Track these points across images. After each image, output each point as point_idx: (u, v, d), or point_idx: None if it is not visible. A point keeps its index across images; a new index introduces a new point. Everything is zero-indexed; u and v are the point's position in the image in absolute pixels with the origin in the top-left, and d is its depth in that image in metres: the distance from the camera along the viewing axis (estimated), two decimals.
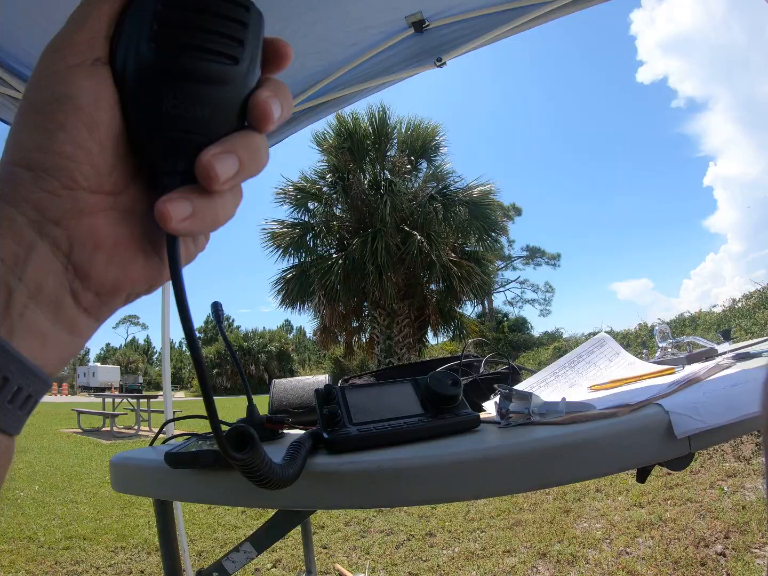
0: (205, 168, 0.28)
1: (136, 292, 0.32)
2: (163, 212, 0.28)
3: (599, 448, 0.56)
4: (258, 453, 0.40)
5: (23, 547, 3.51)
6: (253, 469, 0.43)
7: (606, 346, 1.02)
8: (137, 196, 0.30)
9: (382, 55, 2.32)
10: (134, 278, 0.31)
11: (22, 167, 0.26)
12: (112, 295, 0.30)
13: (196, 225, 0.29)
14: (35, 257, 0.26)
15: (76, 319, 0.29)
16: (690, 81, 69.30)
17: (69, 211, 0.27)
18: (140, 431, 10.70)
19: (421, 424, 0.66)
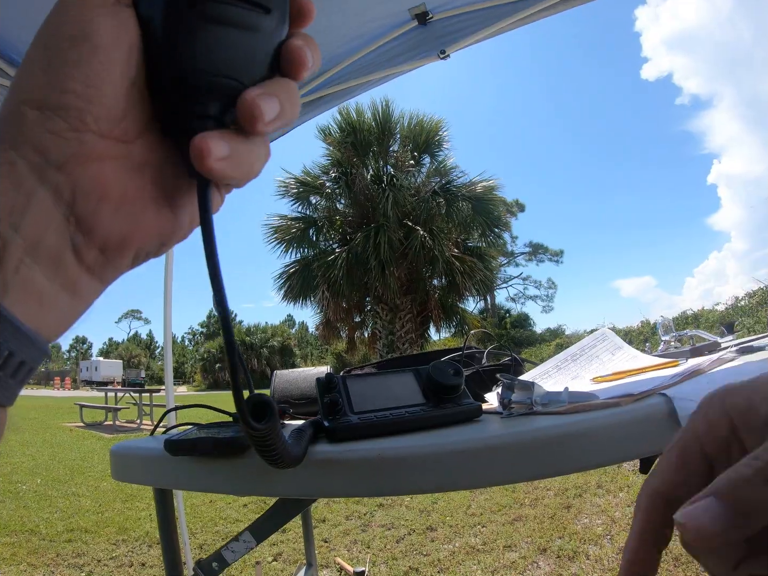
0: (250, 106, 0.26)
1: (146, 251, 0.29)
2: (201, 148, 0.26)
3: (602, 438, 0.55)
4: (276, 424, 0.39)
5: (25, 539, 3.53)
6: (268, 443, 0.42)
7: (608, 341, 1.02)
8: (150, 147, 0.28)
9: (385, 47, 2.31)
10: (144, 233, 0.28)
11: (28, 105, 0.25)
12: (118, 252, 0.28)
13: (232, 168, 0.27)
14: (34, 206, 0.24)
15: (77, 279, 0.26)
16: (695, 78, 69.14)
17: (74, 155, 0.25)
18: (142, 425, 10.74)
19: (422, 413, 0.66)
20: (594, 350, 1.00)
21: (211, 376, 44.75)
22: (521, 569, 2.63)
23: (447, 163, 14.60)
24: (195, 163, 0.26)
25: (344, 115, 14.07)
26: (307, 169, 14.64)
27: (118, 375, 41.24)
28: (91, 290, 0.28)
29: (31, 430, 10.16)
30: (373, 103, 14.09)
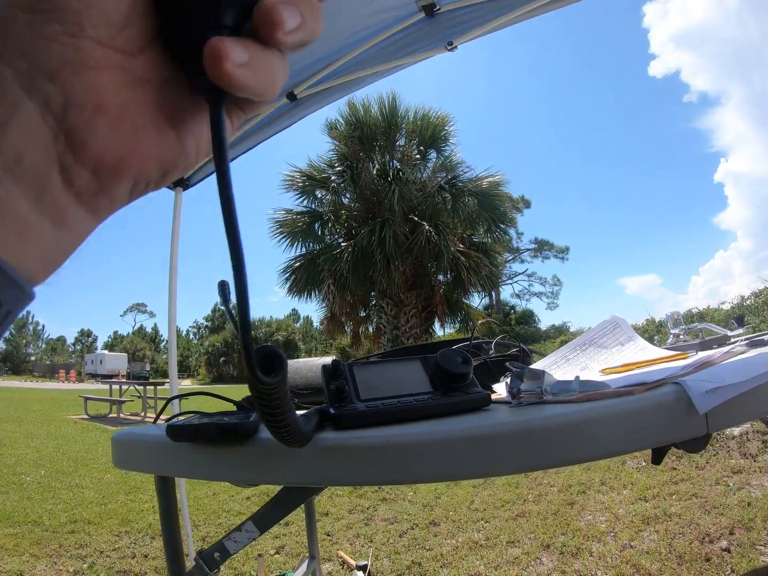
0: (269, 12, 0.24)
1: (145, 178, 0.26)
2: (218, 50, 0.23)
3: (615, 426, 0.54)
4: (285, 380, 0.36)
5: (28, 530, 3.54)
6: (276, 406, 0.38)
7: (618, 330, 1.00)
8: (153, 64, 0.25)
9: (392, 39, 2.30)
10: (143, 156, 0.25)
11: (18, 7, 0.22)
12: (113, 176, 0.24)
13: (250, 77, 0.24)
14: (19, 120, 0.21)
15: (65, 207, 0.23)
16: (702, 75, 68.56)
17: (69, 62, 0.22)
18: (146, 418, 10.78)
19: (430, 401, 0.65)
20: (603, 340, 0.98)
21: (215, 370, 44.86)
22: (524, 565, 2.63)
23: (453, 158, 14.53)
24: (210, 71, 0.23)
25: (351, 109, 14.04)
26: (313, 163, 14.61)
27: (122, 368, 41.41)
28: (82, 223, 0.25)
29: (36, 422, 10.22)
30: (380, 97, 14.03)
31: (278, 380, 0.34)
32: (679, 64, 68.43)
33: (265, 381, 0.33)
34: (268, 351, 0.34)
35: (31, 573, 2.81)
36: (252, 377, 0.32)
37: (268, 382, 0.33)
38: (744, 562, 2.37)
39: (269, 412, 0.40)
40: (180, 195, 2.81)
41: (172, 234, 2.78)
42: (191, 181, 2.86)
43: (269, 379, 0.33)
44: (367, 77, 2.41)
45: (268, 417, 0.41)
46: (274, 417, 0.41)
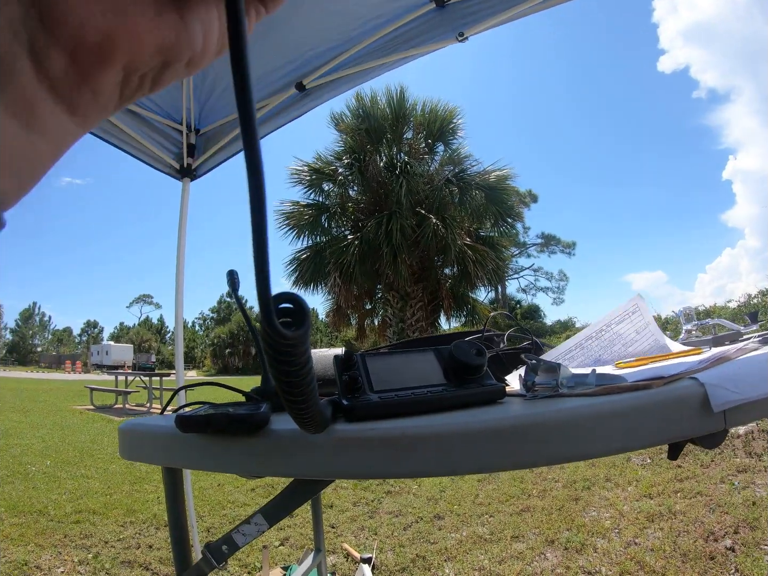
0: None
1: (139, 68, 0.21)
2: None
3: (633, 420, 0.53)
4: (308, 336, 0.30)
5: (33, 520, 3.56)
6: (296, 367, 0.31)
7: (637, 314, 0.98)
8: None
9: (402, 29, 2.27)
10: (135, 36, 0.19)
11: None
12: (96, 62, 0.19)
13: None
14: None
15: (37, 102, 0.18)
16: (712, 71, 68.05)
17: None
18: (152, 408, 10.83)
19: (444, 393, 0.63)
20: (620, 326, 0.97)
21: (220, 361, 45.05)
22: (528, 560, 2.62)
23: (461, 152, 14.49)
24: None
25: (359, 101, 14.01)
26: (320, 156, 14.60)
27: (128, 359, 41.64)
28: (60, 125, 0.20)
29: (42, 412, 10.28)
30: (388, 89, 14.00)
31: (300, 335, 0.29)
32: (689, 60, 67.96)
33: (285, 334, 0.27)
34: (288, 298, 0.29)
35: (36, 563, 2.83)
36: (268, 329, 0.27)
37: (287, 336, 0.28)
38: (748, 561, 2.36)
39: (287, 380, 0.33)
40: (187, 185, 2.81)
41: (179, 225, 2.77)
42: (198, 171, 2.85)
43: (290, 332, 0.28)
44: (376, 68, 2.39)
45: (285, 387, 0.34)
46: (293, 387, 0.35)
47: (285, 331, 0.27)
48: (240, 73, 0.21)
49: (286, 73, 2.50)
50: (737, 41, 67.82)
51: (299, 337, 0.28)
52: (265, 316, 0.25)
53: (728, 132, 71.73)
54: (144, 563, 2.82)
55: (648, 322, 0.98)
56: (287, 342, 0.28)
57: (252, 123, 0.22)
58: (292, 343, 0.29)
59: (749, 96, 65.63)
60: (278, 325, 0.26)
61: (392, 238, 12.49)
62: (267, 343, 0.28)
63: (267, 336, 0.27)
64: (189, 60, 0.22)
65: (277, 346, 0.28)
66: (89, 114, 0.21)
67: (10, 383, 20.40)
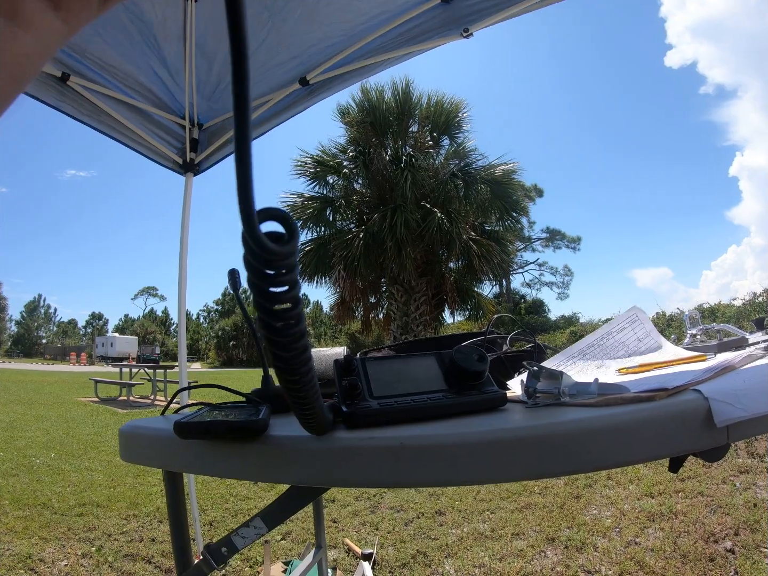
0: None
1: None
2: None
3: (634, 434, 0.52)
4: (296, 253, 0.26)
5: (37, 513, 3.58)
6: (293, 332, 0.28)
7: (637, 323, 0.98)
8: None
9: (408, 25, 2.26)
10: None
11: None
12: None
13: None
14: None
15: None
16: (720, 67, 67.55)
17: None
18: (156, 401, 10.88)
19: (445, 400, 0.63)
20: (621, 335, 0.96)
21: (225, 354, 45.18)
22: (529, 558, 2.62)
23: (466, 145, 14.44)
24: None
25: (364, 94, 13.97)
26: (325, 149, 14.57)
27: (133, 351, 41.73)
28: (42, 17, 0.19)
29: (46, 404, 10.34)
30: (393, 82, 13.96)
31: (288, 251, 0.25)
32: (696, 55, 67.50)
33: (272, 249, 0.24)
34: (273, 213, 0.25)
35: (39, 555, 2.84)
36: (252, 243, 0.23)
37: (274, 251, 0.24)
38: (748, 563, 2.36)
39: (272, 325, 0.28)
40: (190, 180, 2.80)
41: (182, 219, 2.77)
42: (202, 166, 2.84)
43: (276, 247, 0.24)
44: (381, 63, 2.38)
45: (293, 398, 0.31)
46: (299, 396, 0.32)
47: (271, 245, 0.24)
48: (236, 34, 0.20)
49: (291, 68, 2.49)
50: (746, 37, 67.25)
51: (286, 251, 0.25)
52: (246, 227, 0.23)
53: (735, 128, 71.39)
54: (147, 556, 2.83)
55: (649, 331, 0.97)
56: (273, 258, 0.25)
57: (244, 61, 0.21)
58: (280, 261, 0.25)
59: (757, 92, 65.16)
60: (263, 238, 0.23)
61: (397, 231, 12.47)
62: (249, 262, 0.25)
63: (250, 251, 0.24)
64: None
65: (263, 262, 0.25)
66: (72, 8, 0.20)
67: (15, 375, 20.52)
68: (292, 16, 2.20)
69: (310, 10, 2.18)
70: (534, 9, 2.16)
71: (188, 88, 2.58)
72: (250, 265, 0.25)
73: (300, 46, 2.38)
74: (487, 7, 2.15)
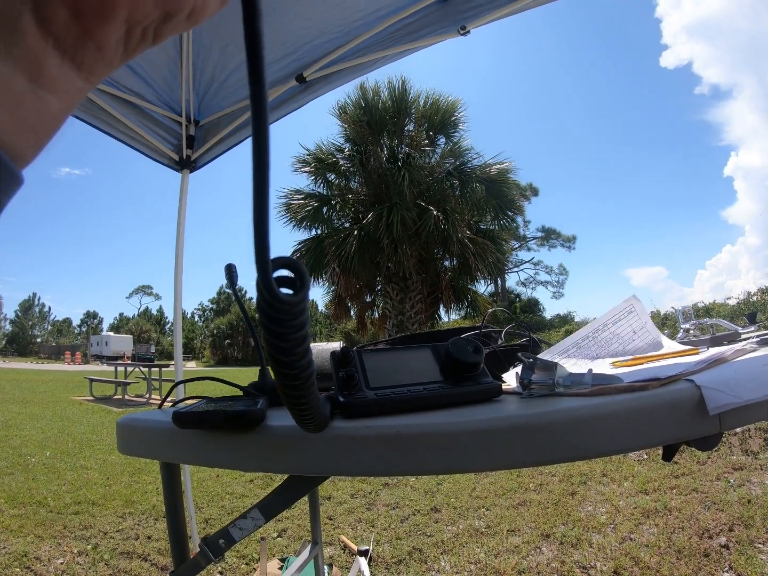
0: None
1: (140, 20, 0.21)
2: None
3: (628, 422, 0.53)
4: (307, 302, 0.27)
5: (33, 511, 3.58)
6: (295, 351, 0.29)
7: (633, 314, 0.99)
8: None
9: (404, 22, 2.26)
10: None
11: None
12: (98, 17, 0.19)
13: None
14: None
15: (43, 58, 0.19)
16: (715, 67, 67.78)
17: None
18: (151, 399, 10.87)
19: (441, 390, 0.64)
20: (617, 326, 0.97)
21: (220, 353, 45.15)
22: (524, 554, 2.64)
23: (462, 144, 14.44)
24: None
25: (361, 93, 13.96)
26: (320, 147, 14.54)
27: (128, 350, 41.64)
28: (68, 81, 0.20)
29: (42, 403, 10.30)
30: (390, 81, 13.95)
31: (298, 300, 0.26)
32: (692, 56, 67.70)
33: (283, 299, 0.25)
34: (285, 262, 0.26)
35: (35, 554, 2.84)
36: (265, 293, 0.24)
37: (285, 301, 0.25)
38: (742, 559, 2.38)
39: (284, 361, 0.30)
40: (187, 177, 2.80)
41: (178, 216, 2.76)
42: (198, 163, 2.84)
43: (289, 297, 0.25)
44: (378, 60, 2.38)
45: (283, 371, 0.31)
46: (296, 399, 0.33)
47: (283, 296, 0.25)
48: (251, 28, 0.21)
49: (287, 64, 2.49)
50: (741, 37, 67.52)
51: (297, 302, 0.26)
52: (261, 277, 0.24)
53: (730, 128, 71.51)
54: (143, 554, 2.83)
55: (645, 323, 0.98)
56: (284, 308, 0.26)
57: (261, 78, 0.22)
58: (290, 311, 0.26)
59: (752, 92, 65.41)
60: (276, 289, 0.24)
61: (394, 229, 12.46)
62: (262, 309, 0.26)
63: (262, 300, 0.25)
64: (191, 12, 0.22)
65: (274, 311, 0.26)
66: (95, 69, 0.21)
67: (9, 374, 20.44)
68: (289, 13, 2.20)
69: (306, 6, 2.18)
70: (530, 8, 2.17)
71: (184, 85, 2.58)
72: (264, 312, 0.26)
73: (296, 43, 2.38)
74: (484, 4, 2.16)
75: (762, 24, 64.76)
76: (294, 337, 0.28)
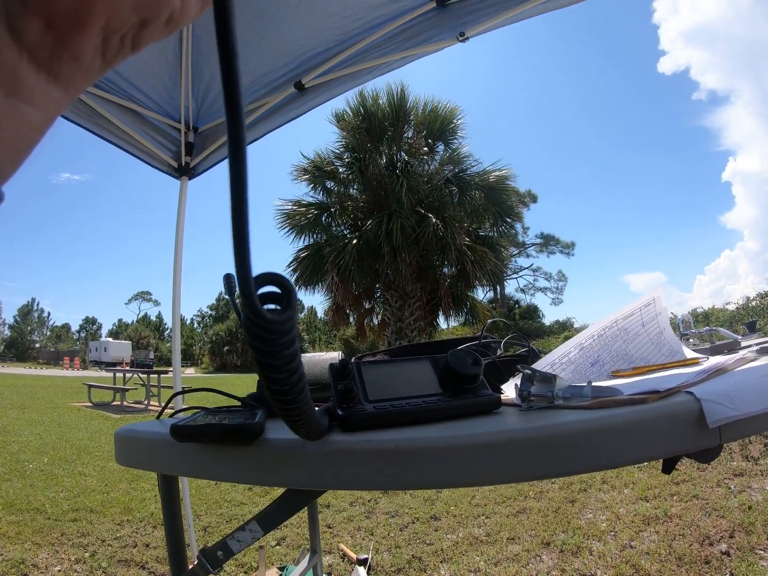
0: None
1: (116, 28, 0.20)
2: None
3: (628, 435, 0.53)
4: (295, 320, 0.27)
5: (30, 518, 3.56)
6: (284, 363, 0.28)
7: (650, 306, 0.98)
8: None
9: (403, 28, 2.27)
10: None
11: None
12: (73, 26, 0.18)
13: None
14: None
15: (18, 71, 0.18)
16: (713, 73, 68.10)
17: None
18: (150, 406, 10.84)
19: (440, 403, 0.63)
20: (626, 321, 0.96)
21: (219, 359, 45.06)
22: (524, 562, 2.62)
23: (461, 151, 14.46)
24: None
25: (359, 100, 13.99)
26: (319, 155, 14.57)
27: (126, 356, 41.54)
28: (45, 93, 0.20)
29: (40, 409, 10.27)
30: (389, 88, 13.96)
31: (285, 318, 0.25)
32: (689, 61, 68.01)
33: (268, 318, 0.24)
34: (271, 279, 0.26)
35: (32, 561, 2.82)
36: (249, 312, 0.24)
37: (270, 321, 0.24)
38: (743, 566, 2.37)
39: (273, 380, 0.29)
40: (185, 184, 2.80)
41: (177, 223, 2.76)
42: (197, 170, 2.84)
43: (272, 316, 0.24)
44: (376, 67, 2.38)
45: (272, 384, 0.30)
46: (289, 408, 0.32)
47: (267, 315, 0.24)
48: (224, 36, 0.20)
49: (286, 72, 2.49)
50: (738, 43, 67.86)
51: (285, 319, 0.25)
52: (243, 296, 0.23)
53: (728, 134, 71.81)
54: (141, 562, 2.82)
55: (658, 314, 0.98)
56: (271, 326, 0.25)
57: (237, 93, 0.21)
58: (279, 328, 0.25)
59: (749, 98, 65.67)
60: (259, 306, 0.24)
61: (393, 237, 12.46)
62: (247, 327, 0.25)
63: (247, 318, 0.24)
64: (168, 17, 0.22)
65: (258, 329, 0.25)
66: (73, 80, 0.20)
67: (7, 379, 20.38)
68: (287, 20, 2.21)
69: (304, 14, 2.19)
70: (529, 16, 2.18)
71: (183, 92, 2.58)
72: (250, 332, 0.25)
73: (295, 50, 2.39)
74: (482, 9, 2.16)
75: (759, 29, 65.11)
76: (283, 355, 0.28)
